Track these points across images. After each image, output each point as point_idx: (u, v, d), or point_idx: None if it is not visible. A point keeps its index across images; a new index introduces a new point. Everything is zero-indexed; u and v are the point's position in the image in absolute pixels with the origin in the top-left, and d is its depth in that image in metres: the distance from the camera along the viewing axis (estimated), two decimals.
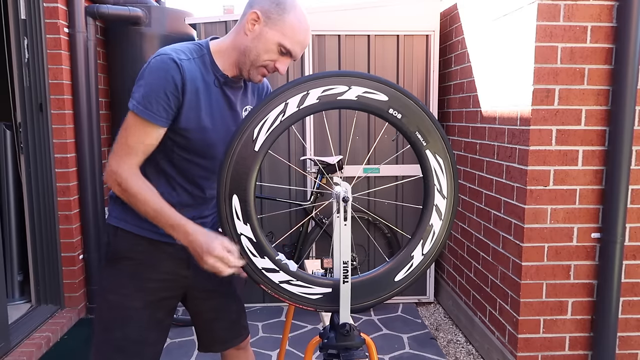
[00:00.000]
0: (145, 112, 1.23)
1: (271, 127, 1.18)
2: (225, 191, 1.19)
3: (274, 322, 3.22)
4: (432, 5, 3.25)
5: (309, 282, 1.26)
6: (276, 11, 1.26)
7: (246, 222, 1.21)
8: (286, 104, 1.18)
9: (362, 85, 1.20)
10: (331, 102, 1.19)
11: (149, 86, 1.23)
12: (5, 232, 3.18)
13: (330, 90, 1.19)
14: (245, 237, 1.22)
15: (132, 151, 1.26)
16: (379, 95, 1.21)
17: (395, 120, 1.23)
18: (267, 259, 1.24)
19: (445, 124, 3.43)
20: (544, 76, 2.18)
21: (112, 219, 1.42)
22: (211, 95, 1.33)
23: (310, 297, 1.27)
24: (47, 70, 2.97)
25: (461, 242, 3.17)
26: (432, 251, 1.29)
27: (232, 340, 1.62)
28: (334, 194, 1.22)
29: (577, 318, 2.35)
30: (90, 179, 3.19)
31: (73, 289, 3.16)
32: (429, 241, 1.29)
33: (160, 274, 1.43)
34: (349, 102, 1.20)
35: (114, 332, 1.39)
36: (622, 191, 2.17)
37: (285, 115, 1.18)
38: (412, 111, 1.23)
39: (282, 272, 1.25)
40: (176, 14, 3.40)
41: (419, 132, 1.24)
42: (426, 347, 2.88)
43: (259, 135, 1.18)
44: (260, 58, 1.30)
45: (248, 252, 1.23)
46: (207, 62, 1.33)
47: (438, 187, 1.26)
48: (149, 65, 1.25)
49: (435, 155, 1.25)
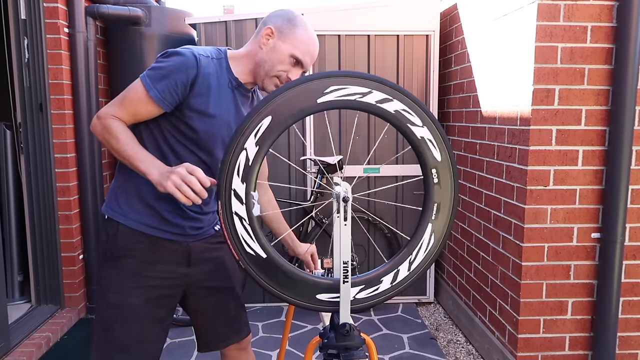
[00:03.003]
0: (150, 87, 1.31)
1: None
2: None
3: (274, 322, 3.22)
4: (432, 5, 3.25)
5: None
6: (288, 27, 1.41)
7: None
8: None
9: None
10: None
11: (164, 69, 1.32)
12: (5, 232, 3.18)
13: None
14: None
15: (123, 108, 1.35)
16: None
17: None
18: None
19: (445, 124, 3.43)
20: (544, 76, 2.18)
21: (112, 212, 1.43)
22: (222, 92, 1.41)
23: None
24: (47, 70, 2.97)
25: (461, 242, 3.17)
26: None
27: (232, 336, 1.62)
28: (334, 193, 1.22)
29: (577, 318, 2.35)
30: (90, 179, 3.19)
31: (73, 289, 3.17)
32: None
33: (161, 271, 1.44)
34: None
35: (114, 332, 1.39)
36: (622, 191, 2.17)
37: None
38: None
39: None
40: (176, 14, 3.40)
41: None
42: (426, 347, 2.88)
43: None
44: (274, 69, 1.41)
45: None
46: (224, 65, 1.43)
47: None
48: (171, 50, 1.35)
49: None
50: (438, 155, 1.24)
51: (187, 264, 1.49)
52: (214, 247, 1.56)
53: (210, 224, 1.56)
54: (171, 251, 1.45)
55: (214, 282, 1.56)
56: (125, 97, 1.35)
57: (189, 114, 1.36)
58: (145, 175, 1.29)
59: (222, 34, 3.20)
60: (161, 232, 1.43)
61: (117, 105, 1.35)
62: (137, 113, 1.35)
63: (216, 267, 1.56)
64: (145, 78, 1.32)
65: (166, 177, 1.23)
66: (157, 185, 1.26)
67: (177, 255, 1.47)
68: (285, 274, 1.21)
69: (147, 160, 1.30)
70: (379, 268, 1.30)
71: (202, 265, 1.53)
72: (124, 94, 1.36)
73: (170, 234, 1.45)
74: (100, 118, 1.35)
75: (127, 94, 1.35)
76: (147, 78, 1.32)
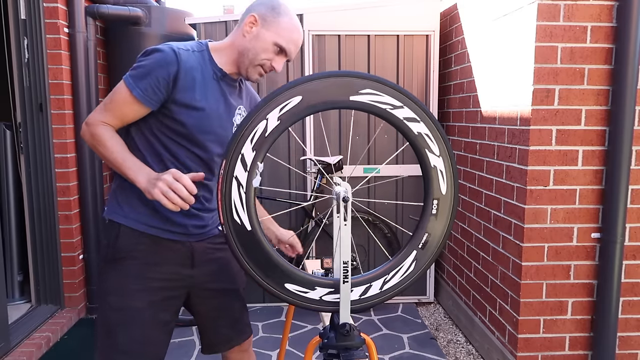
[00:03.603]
0: (133, 87, 1.31)
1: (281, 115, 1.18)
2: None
3: (274, 322, 3.22)
4: (432, 5, 3.25)
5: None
6: (272, 14, 1.38)
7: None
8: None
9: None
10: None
11: (145, 67, 1.31)
12: (5, 232, 3.18)
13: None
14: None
15: (109, 112, 1.34)
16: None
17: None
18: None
19: (445, 124, 3.43)
20: (544, 76, 2.18)
21: (114, 214, 1.41)
22: (207, 84, 1.39)
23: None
24: (47, 70, 2.97)
25: (461, 242, 3.17)
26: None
27: (235, 338, 1.61)
28: (334, 193, 1.22)
29: (577, 318, 2.35)
30: (90, 179, 3.19)
31: (73, 289, 3.17)
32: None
33: (164, 273, 1.42)
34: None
35: (117, 335, 1.37)
36: (622, 191, 2.17)
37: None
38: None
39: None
40: (176, 14, 3.40)
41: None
42: (426, 347, 2.88)
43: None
44: (258, 57, 1.40)
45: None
46: (206, 58, 1.41)
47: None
48: (151, 48, 1.34)
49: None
50: (444, 188, 1.25)
51: (190, 265, 1.47)
52: (218, 247, 1.54)
53: (214, 224, 1.53)
54: (174, 252, 1.43)
55: (217, 283, 1.54)
56: (111, 100, 1.34)
57: (176, 110, 1.34)
58: (134, 183, 1.29)
59: (222, 34, 3.20)
60: (163, 232, 1.41)
61: (104, 110, 1.35)
62: (124, 115, 1.34)
63: (220, 269, 1.54)
64: (128, 79, 1.32)
65: (153, 184, 1.23)
66: (145, 193, 1.26)
67: (180, 256, 1.45)
68: (263, 253, 1.19)
69: (135, 167, 1.30)
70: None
71: (206, 267, 1.50)
72: (109, 98, 1.35)
73: (173, 234, 1.42)
74: (89, 125, 1.34)
75: (112, 97, 1.34)
76: (130, 78, 1.31)
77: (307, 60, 3.25)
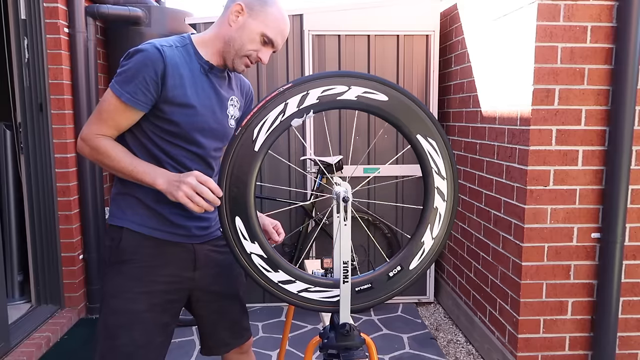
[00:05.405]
0: (121, 92, 1.27)
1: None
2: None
3: (274, 322, 3.22)
4: (432, 5, 3.25)
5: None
6: (259, 4, 1.34)
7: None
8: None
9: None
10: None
11: (129, 70, 1.27)
12: (5, 232, 3.18)
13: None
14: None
15: (103, 123, 1.31)
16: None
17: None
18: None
19: (445, 124, 3.43)
20: (544, 76, 2.18)
21: (116, 219, 1.40)
22: (196, 80, 1.36)
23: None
24: (47, 70, 2.97)
25: (461, 242, 3.17)
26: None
27: (235, 341, 1.61)
28: (334, 193, 1.22)
29: (577, 318, 2.35)
30: (90, 179, 3.19)
31: (73, 289, 3.16)
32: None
33: (166, 276, 1.41)
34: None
35: (120, 338, 1.36)
36: (622, 191, 2.17)
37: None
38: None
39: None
40: (176, 14, 3.40)
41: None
42: (426, 347, 2.88)
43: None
44: (244, 48, 1.36)
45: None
46: (191, 52, 1.38)
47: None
48: (132, 49, 1.30)
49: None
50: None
51: (192, 268, 1.46)
52: (220, 250, 1.53)
53: (216, 225, 1.52)
54: (177, 255, 1.43)
55: (218, 286, 1.53)
56: (101, 110, 1.31)
57: (167, 109, 1.31)
58: (153, 186, 1.27)
59: None
60: (166, 235, 1.40)
61: (96, 121, 1.31)
62: (118, 124, 1.31)
63: (222, 272, 1.54)
64: (114, 85, 1.28)
65: (176, 187, 1.23)
66: (167, 194, 1.25)
67: (182, 259, 1.44)
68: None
69: (150, 170, 1.29)
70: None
71: (208, 270, 1.49)
72: (99, 108, 1.31)
73: (176, 236, 1.41)
74: (86, 140, 1.31)
75: (102, 106, 1.31)
76: (116, 84, 1.27)
77: (307, 60, 3.24)
